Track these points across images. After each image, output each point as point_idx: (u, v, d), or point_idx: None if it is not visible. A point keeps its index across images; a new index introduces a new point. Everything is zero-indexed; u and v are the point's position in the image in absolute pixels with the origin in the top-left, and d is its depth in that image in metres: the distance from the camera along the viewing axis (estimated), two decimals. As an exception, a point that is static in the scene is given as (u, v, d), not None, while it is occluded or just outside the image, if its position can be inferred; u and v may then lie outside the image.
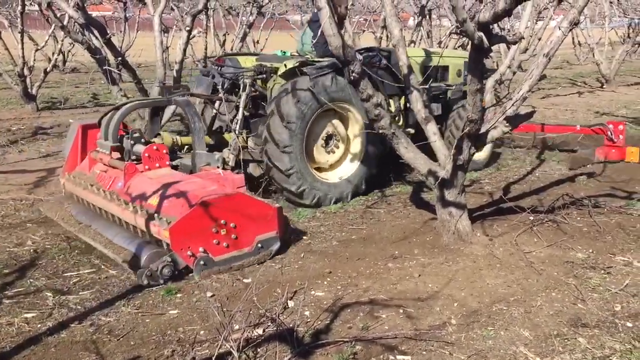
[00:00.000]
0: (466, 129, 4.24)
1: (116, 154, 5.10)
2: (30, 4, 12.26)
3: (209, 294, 3.87)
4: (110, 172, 5.03)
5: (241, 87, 5.82)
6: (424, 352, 3.17)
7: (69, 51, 17.93)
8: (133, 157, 5.13)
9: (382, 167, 6.24)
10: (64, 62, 18.82)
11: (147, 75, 15.70)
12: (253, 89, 5.90)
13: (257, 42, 23.24)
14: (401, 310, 3.62)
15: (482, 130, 4.50)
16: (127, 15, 17.18)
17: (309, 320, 3.53)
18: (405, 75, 4.85)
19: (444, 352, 3.17)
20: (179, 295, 3.89)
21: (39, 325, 3.51)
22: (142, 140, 5.25)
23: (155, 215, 4.26)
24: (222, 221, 4.15)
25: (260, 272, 4.20)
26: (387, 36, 12.58)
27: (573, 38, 19.79)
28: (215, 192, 4.29)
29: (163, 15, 9.14)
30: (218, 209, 4.12)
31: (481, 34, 3.49)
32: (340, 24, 6.04)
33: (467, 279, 4.06)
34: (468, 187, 6.25)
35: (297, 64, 5.65)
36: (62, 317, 3.61)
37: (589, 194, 5.81)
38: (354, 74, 4.23)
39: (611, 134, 7.14)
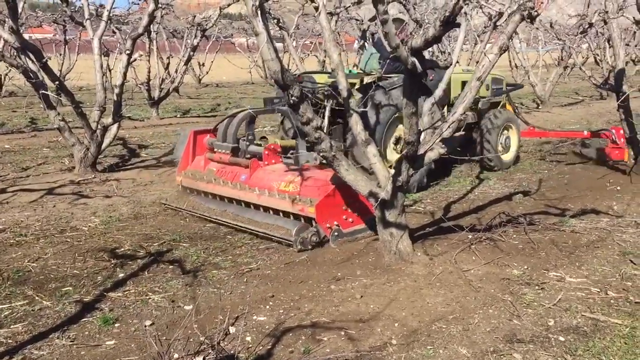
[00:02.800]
0: (404, 150, 4.33)
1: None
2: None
3: (147, 322, 3.79)
4: (229, 168, 6.07)
5: (325, 100, 6.65)
6: (365, 374, 3.19)
7: (6, 75, 17.42)
8: (248, 156, 6.10)
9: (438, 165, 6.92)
10: (0, 86, 18.25)
11: (89, 98, 15.41)
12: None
13: (203, 64, 23.23)
14: (343, 333, 3.63)
15: (420, 152, 4.60)
16: (67, 37, 16.86)
17: (250, 345, 3.50)
18: (345, 98, 4.93)
19: (385, 372, 3.20)
20: (116, 324, 3.79)
21: (-35, 362, 3.35)
22: (255, 141, 6.32)
23: (296, 197, 5.23)
24: (349, 200, 5.19)
25: (202, 298, 4.14)
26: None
27: (510, 61, 20.54)
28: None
29: (106, 37, 9.02)
30: (347, 191, 5.12)
31: (414, 59, 3.60)
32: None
33: (407, 298, 4.11)
34: (410, 207, 6.38)
35: (375, 79, 6.67)
36: (-9, 353, 3.46)
37: (524, 212, 6.02)
38: (293, 98, 4.27)
39: (615, 137, 7.94)
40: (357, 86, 6.76)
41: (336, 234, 5.17)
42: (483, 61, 4.47)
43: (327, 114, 6.42)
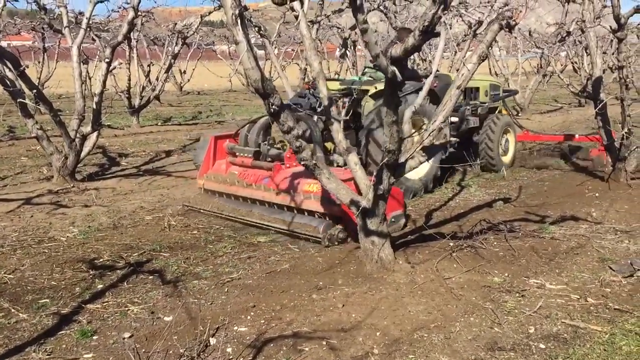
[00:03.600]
0: (384, 159, 4.33)
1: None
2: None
3: (126, 334, 3.73)
4: (251, 170, 6.37)
5: (340, 106, 7.08)
6: (347, 384, 3.17)
7: (-17, 82, 17.15)
8: (268, 159, 6.37)
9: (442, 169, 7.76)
10: (-22, 93, 17.96)
11: (68, 106, 15.25)
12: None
13: (184, 72, 23.14)
14: (324, 342, 3.61)
15: (401, 160, 4.61)
16: (46, 45, 16.69)
17: (230, 357, 3.46)
18: (325, 107, 4.93)
19: (366, 383, 3.18)
20: (94, 337, 3.72)
21: (-62, 378, 3.27)
22: (275, 146, 6.58)
23: (322, 196, 5.49)
24: None
25: (182, 309, 4.10)
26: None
27: (490, 68, 20.76)
28: None
29: (86, 45, 8.94)
30: None
31: (394, 68, 3.60)
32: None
33: (389, 307, 4.11)
34: (391, 215, 6.38)
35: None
36: (-35, 368, 3.38)
37: (505, 219, 6.06)
38: (273, 107, 4.25)
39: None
40: (370, 92, 7.12)
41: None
42: (462, 70, 4.50)
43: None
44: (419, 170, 7.18)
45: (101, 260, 5.14)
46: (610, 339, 3.61)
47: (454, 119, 8.07)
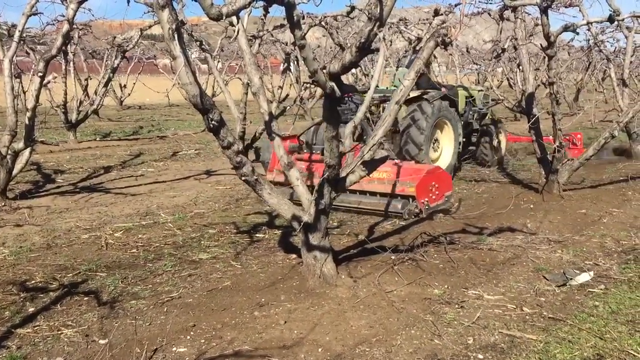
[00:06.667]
0: (325, 174, 4.34)
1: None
2: None
3: (58, 359, 3.58)
4: (315, 165, 7.11)
5: (381, 110, 8.51)
6: (288, 403, 3.13)
7: None
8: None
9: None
10: None
11: (0, 121, 14.64)
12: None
13: (124, 86, 22.65)
14: (266, 360, 3.57)
15: (342, 174, 4.64)
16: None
17: (169, 379, 3.37)
18: (266, 122, 4.91)
19: (308, 400, 3.15)
20: (24, 363, 3.56)
21: None
22: None
23: (395, 181, 6.79)
24: (433, 183, 6.85)
25: (118, 331, 3.97)
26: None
27: (431, 84, 21.25)
28: (427, 167, 7.16)
29: (20, 58, 8.62)
30: (432, 176, 6.87)
31: (332, 83, 3.63)
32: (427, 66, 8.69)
33: (331, 322, 4.10)
34: (335, 228, 6.41)
35: (420, 93, 8.59)
36: None
37: (445, 231, 6.17)
38: (213, 122, 4.20)
39: (575, 140, 9.66)
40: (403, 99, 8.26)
41: (427, 207, 6.71)
42: (400, 85, 4.57)
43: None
44: (445, 161, 9.06)
45: (33, 282, 4.93)
46: (545, 347, 3.71)
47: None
